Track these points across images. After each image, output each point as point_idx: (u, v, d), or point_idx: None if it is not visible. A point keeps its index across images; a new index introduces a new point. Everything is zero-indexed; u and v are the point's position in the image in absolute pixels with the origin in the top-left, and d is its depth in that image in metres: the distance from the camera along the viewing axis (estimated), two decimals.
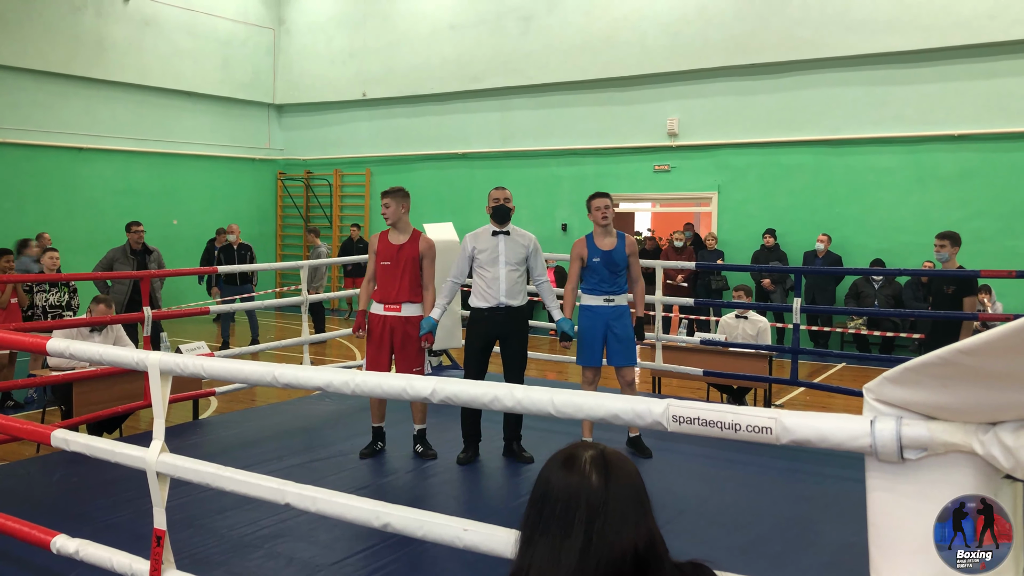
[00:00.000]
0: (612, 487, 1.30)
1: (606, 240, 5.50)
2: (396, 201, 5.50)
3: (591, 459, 1.33)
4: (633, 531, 1.29)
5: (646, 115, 12.82)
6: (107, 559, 3.01)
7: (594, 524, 1.27)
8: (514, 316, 5.45)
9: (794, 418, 1.66)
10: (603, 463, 1.32)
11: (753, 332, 7.57)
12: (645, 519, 1.33)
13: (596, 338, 5.50)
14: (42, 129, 13.14)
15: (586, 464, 1.32)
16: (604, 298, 5.48)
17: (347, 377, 2.38)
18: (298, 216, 16.71)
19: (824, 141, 11.48)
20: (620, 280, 5.52)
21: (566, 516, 1.29)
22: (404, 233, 5.53)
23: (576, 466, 1.32)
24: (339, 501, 2.50)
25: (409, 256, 5.48)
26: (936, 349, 1.33)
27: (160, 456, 2.83)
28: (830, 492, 4.83)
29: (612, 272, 5.47)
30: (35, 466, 5.44)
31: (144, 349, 6.33)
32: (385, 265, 5.48)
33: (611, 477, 1.31)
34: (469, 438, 5.56)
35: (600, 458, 1.33)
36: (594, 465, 1.32)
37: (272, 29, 16.61)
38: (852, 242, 11.22)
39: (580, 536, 1.27)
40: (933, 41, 10.53)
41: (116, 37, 14.01)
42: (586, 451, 1.35)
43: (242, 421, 6.72)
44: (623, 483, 1.32)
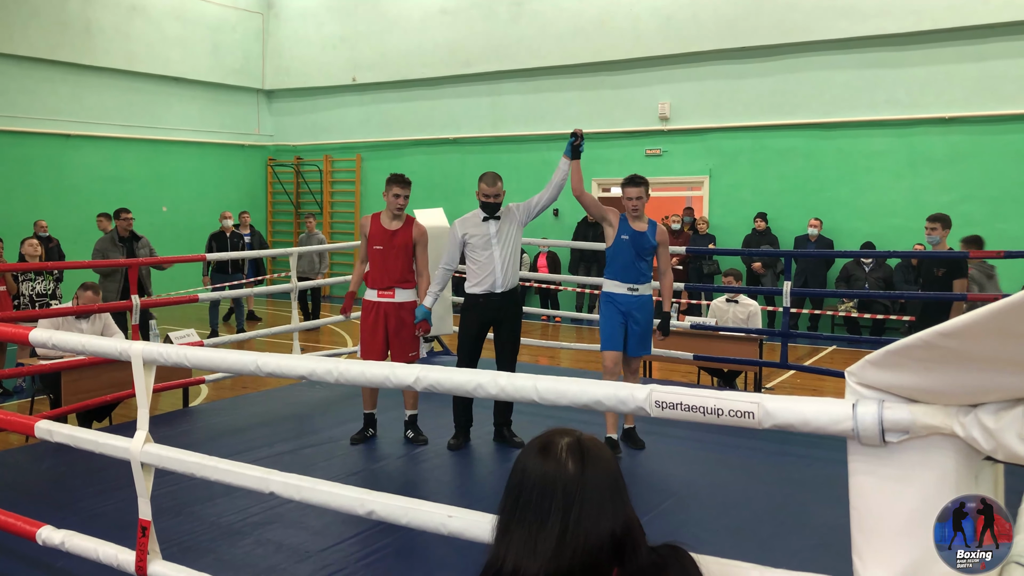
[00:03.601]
0: (588, 474, 1.29)
1: (638, 223, 5.28)
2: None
3: (567, 446, 1.31)
4: (610, 518, 1.28)
5: (637, 99, 12.78)
6: (93, 550, 3.00)
7: (570, 512, 1.26)
8: (508, 301, 5.39)
9: (776, 402, 1.65)
10: (579, 450, 1.31)
11: (744, 316, 7.58)
12: (622, 506, 1.32)
13: (616, 325, 5.26)
14: (29, 116, 13.03)
15: (562, 451, 1.31)
16: (628, 287, 5.23)
17: (330, 366, 2.37)
18: (288, 203, 16.64)
19: (815, 125, 11.46)
20: (644, 267, 5.26)
21: (542, 504, 1.28)
22: (398, 219, 5.48)
23: (552, 453, 1.31)
24: (323, 489, 2.49)
25: (403, 242, 5.44)
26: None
27: (144, 446, 2.81)
28: (820, 475, 4.84)
29: (638, 256, 5.21)
30: (23, 455, 5.42)
31: (133, 338, 6.32)
32: (378, 249, 5.44)
33: (587, 464, 1.29)
34: (460, 424, 5.54)
35: (576, 445, 1.32)
36: (570, 452, 1.30)
37: (261, 14, 16.48)
38: (843, 226, 11.23)
39: (557, 524, 1.26)
40: (924, 24, 10.51)
41: (104, 22, 13.88)
42: (562, 438, 1.34)
43: (232, 408, 6.70)
44: (599, 470, 1.30)
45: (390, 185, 5.46)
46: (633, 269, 5.22)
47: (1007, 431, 1.32)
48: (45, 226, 10.56)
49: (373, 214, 5.58)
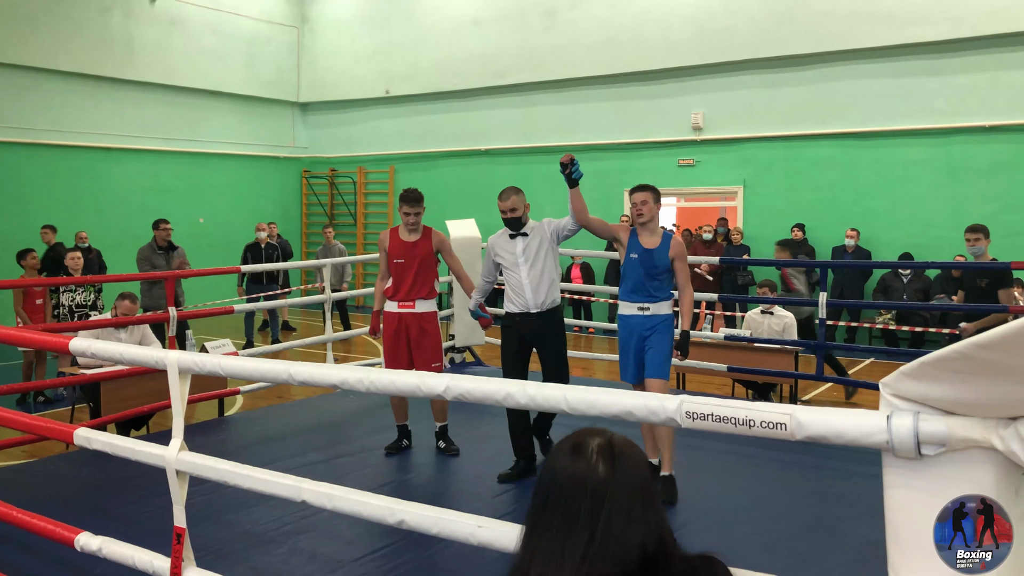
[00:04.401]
0: (619, 477, 1.23)
1: (650, 238, 4.87)
2: (423, 207, 5.48)
3: (598, 447, 1.26)
4: (641, 524, 1.23)
5: (670, 109, 12.73)
6: (129, 556, 3.04)
7: (599, 516, 1.21)
8: (547, 320, 5.13)
9: (809, 414, 1.63)
10: (610, 451, 1.26)
11: (779, 327, 7.49)
12: (654, 512, 1.26)
13: (628, 351, 4.93)
14: (73, 130, 13.34)
15: (592, 452, 1.25)
16: (638, 306, 4.87)
17: (361, 375, 2.38)
18: (323, 214, 16.81)
19: (851, 134, 11.33)
20: (658, 286, 4.87)
21: (570, 507, 1.22)
22: (416, 231, 5.49)
23: (582, 454, 1.26)
24: (354, 498, 2.50)
25: (422, 253, 5.46)
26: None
27: (179, 454, 2.85)
28: (857, 489, 4.76)
29: (649, 275, 4.84)
30: (63, 462, 5.52)
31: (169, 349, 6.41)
32: (399, 263, 5.47)
33: (618, 466, 1.24)
34: (518, 450, 5.18)
35: (607, 446, 1.27)
36: (600, 453, 1.25)
37: (296, 27, 16.71)
38: (881, 236, 11.06)
39: (585, 530, 1.21)
40: (963, 31, 10.34)
41: (144, 38, 14.18)
42: (593, 439, 1.28)
43: (266, 418, 6.77)
44: (630, 473, 1.25)
45: (400, 204, 5.49)
46: (643, 288, 4.88)
47: None
48: (85, 237, 10.78)
49: (392, 228, 5.61)
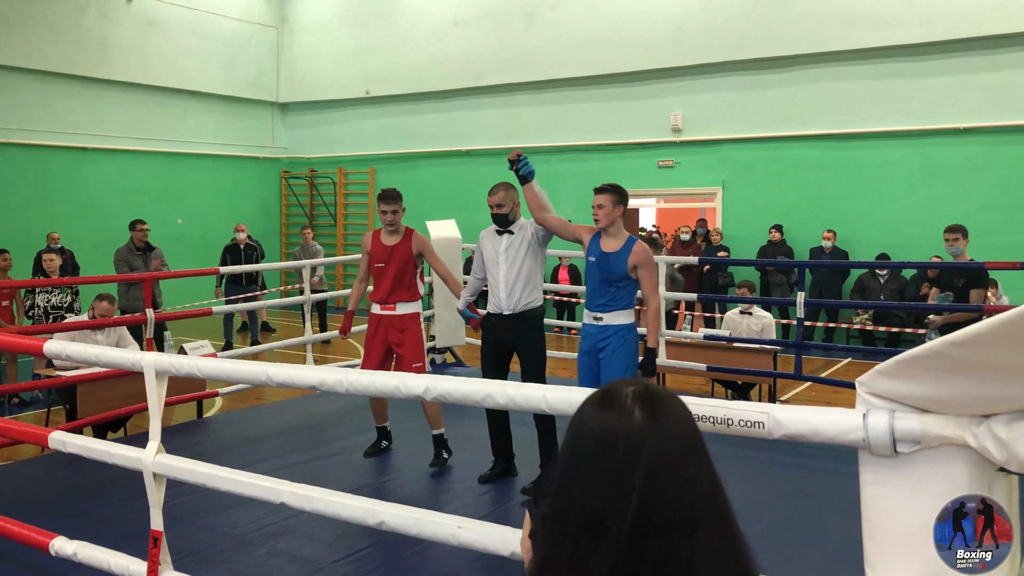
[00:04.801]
0: (659, 425, 1.05)
1: (610, 242, 4.55)
2: (401, 206, 5.42)
3: (633, 394, 1.07)
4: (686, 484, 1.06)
5: (650, 110, 12.78)
6: (105, 560, 3.01)
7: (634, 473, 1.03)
8: (521, 323, 4.88)
9: (786, 412, 1.64)
10: (648, 397, 1.07)
11: (758, 328, 7.54)
12: (705, 467, 1.10)
13: (583, 363, 4.63)
14: (47, 129, 13.17)
15: (627, 398, 1.07)
16: (593, 316, 4.56)
17: (340, 376, 2.37)
18: (303, 215, 16.72)
19: (829, 135, 11.42)
20: (615, 293, 4.52)
21: (599, 464, 1.04)
22: (397, 233, 5.44)
23: (614, 401, 1.08)
24: (334, 500, 2.49)
25: (402, 255, 5.41)
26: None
27: (156, 457, 2.83)
28: (835, 487, 4.81)
29: (605, 281, 4.51)
30: (38, 466, 5.46)
31: (147, 350, 6.35)
32: (379, 266, 5.43)
33: (658, 414, 1.06)
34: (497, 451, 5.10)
35: (645, 393, 1.08)
36: (637, 399, 1.07)
37: (276, 28, 16.61)
38: (858, 236, 11.17)
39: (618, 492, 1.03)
40: (938, 34, 10.47)
41: (120, 37, 14.03)
42: (627, 386, 1.10)
43: (245, 419, 6.73)
44: (674, 421, 1.07)
45: (378, 202, 5.43)
46: (599, 295, 4.55)
47: (1020, 441, 1.31)
48: (57, 238, 10.64)
49: (374, 231, 5.57)
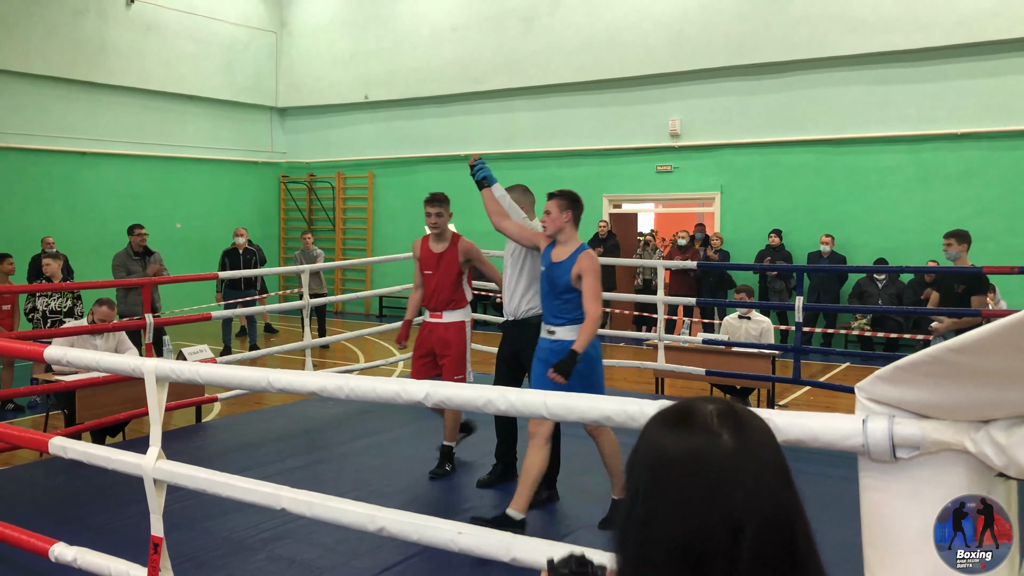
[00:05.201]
0: (751, 448, 0.96)
1: (559, 250, 4.34)
2: (448, 209, 5.31)
3: (716, 413, 0.98)
4: (783, 510, 0.97)
5: (648, 116, 12.81)
6: (105, 567, 3.00)
7: (733, 501, 0.93)
8: (523, 329, 4.81)
9: (785, 418, 1.65)
10: (734, 418, 0.99)
11: (756, 332, 7.55)
12: (796, 496, 1.00)
13: (537, 371, 4.39)
14: (45, 133, 13.16)
15: (711, 419, 0.98)
16: (547, 328, 4.37)
17: (340, 382, 2.38)
18: (301, 219, 16.72)
19: (827, 141, 11.46)
20: (560, 306, 4.28)
21: (690, 493, 0.94)
22: (444, 239, 5.35)
23: (696, 422, 0.98)
24: (334, 505, 2.49)
25: (449, 262, 5.30)
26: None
27: (157, 463, 2.83)
28: (831, 492, 4.79)
29: (552, 292, 4.31)
30: (37, 470, 5.45)
31: (146, 355, 6.35)
32: (428, 274, 5.36)
33: (747, 435, 0.97)
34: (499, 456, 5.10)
35: (729, 412, 0.99)
36: (724, 421, 0.98)
37: (274, 32, 16.63)
38: (855, 241, 11.19)
39: (717, 521, 0.95)
40: (935, 39, 10.50)
41: (118, 41, 14.04)
42: (706, 404, 1.01)
43: (244, 424, 6.72)
44: (764, 443, 0.98)
45: (424, 205, 5.33)
46: (550, 307, 4.36)
47: (1019, 447, 1.31)
48: (52, 242, 10.63)
49: (423, 237, 5.46)
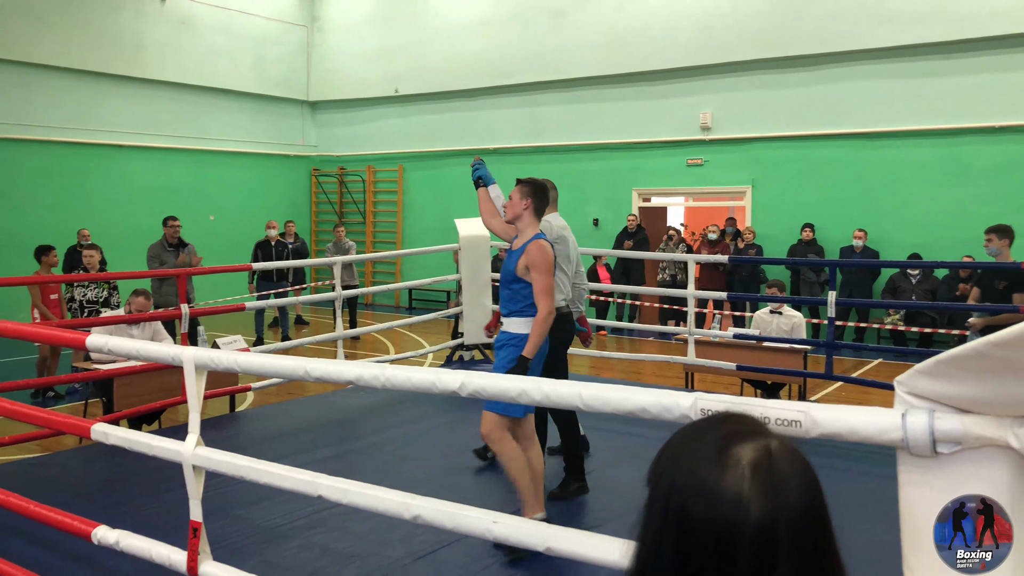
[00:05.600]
0: (788, 507, 0.83)
1: (518, 239, 4.17)
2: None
3: (753, 467, 0.84)
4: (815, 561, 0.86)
5: (678, 109, 12.73)
6: (146, 550, 3.07)
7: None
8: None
9: (823, 411, 1.65)
10: (769, 473, 0.84)
11: (788, 327, 7.49)
12: (833, 557, 0.89)
13: (496, 367, 4.17)
14: (83, 127, 13.40)
15: (743, 473, 0.83)
16: (504, 320, 4.17)
17: (377, 371, 2.41)
18: (332, 212, 16.85)
19: (859, 134, 11.31)
20: (510, 296, 4.09)
21: (719, 555, 0.81)
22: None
23: (727, 475, 0.83)
24: (370, 493, 2.52)
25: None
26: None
27: (196, 450, 2.88)
28: (863, 489, 4.77)
29: (504, 282, 4.12)
30: (77, 456, 5.57)
31: (182, 344, 6.44)
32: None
33: (785, 492, 0.84)
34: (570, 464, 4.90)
35: (766, 463, 0.85)
36: (756, 477, 0.83)
37: (305, 27, 16.75)
38: (888, 237, 11.05)
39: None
40: (971, 31, 10.32)
41: (154, 36, 14.23)
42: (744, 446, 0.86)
43: (277, 413, 6.81)
44: (802, 500, 0.85)
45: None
46: (501, 296, 4.18)
47: None
48: (87, 235, 10.80)
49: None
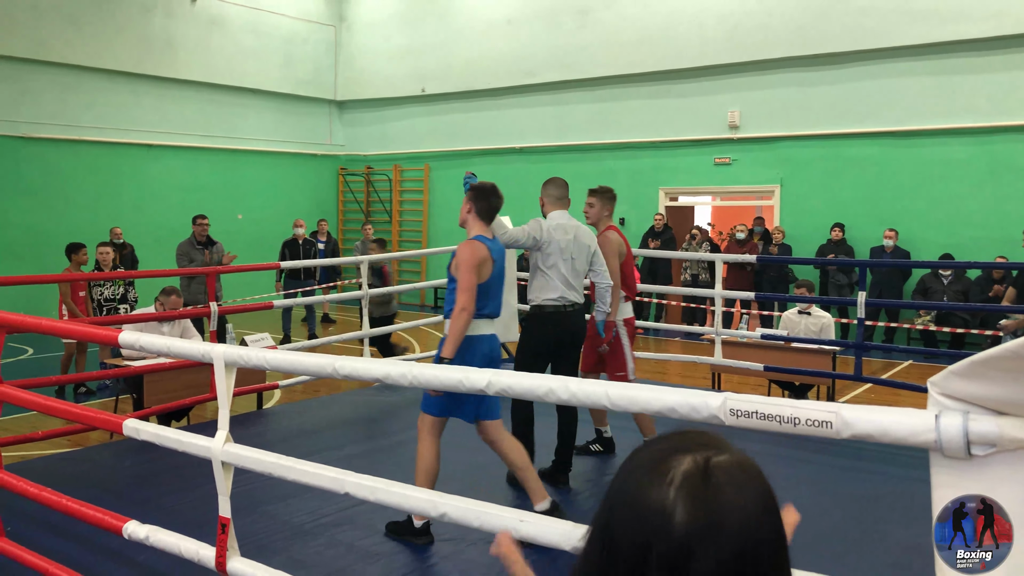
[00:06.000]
0: (708, 531, 0.78)
1: None
2: (600, 201, 5.21)
3: (684, 475, 0.80)
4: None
5: (705, 108, 12.65)
6: (175, 545, 3.10)
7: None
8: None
9: (855, 412, 1.63)
10: (701, 483, 0.80)
11: (816, 328, 7.42)
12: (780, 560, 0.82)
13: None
14: (115, 127, 13.60)
15: (672, 482, 0.80)
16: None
17: (404, 369, 2.42)
18: (359, 211, 16.94)
19: (890, 133, 11.18)
20: (448, 297, 4.08)
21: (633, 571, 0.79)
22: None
23: (660, 481, 0.81)
24: (396, 491, 2.53)
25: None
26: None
27: (225, 446, 2.90)
28: (895, 492, 4.71)
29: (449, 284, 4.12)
30: (107, 452, 5.64)
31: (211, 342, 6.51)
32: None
33: (709, 511, 0.79)
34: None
35: (700, 473, 0.81)
36: (684, 485, 0.80)
37: (333, 26, 16.85)
38: (920, 237, 10.91)
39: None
40: (1006, 28, 10.16)
41: (184, 36, 14.40)
42: (682, 457, 0.82)
43: (304, 411, 6.86)
44: (730, 524, 0.78)
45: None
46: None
47: None
48: (120, 233, 10.96)
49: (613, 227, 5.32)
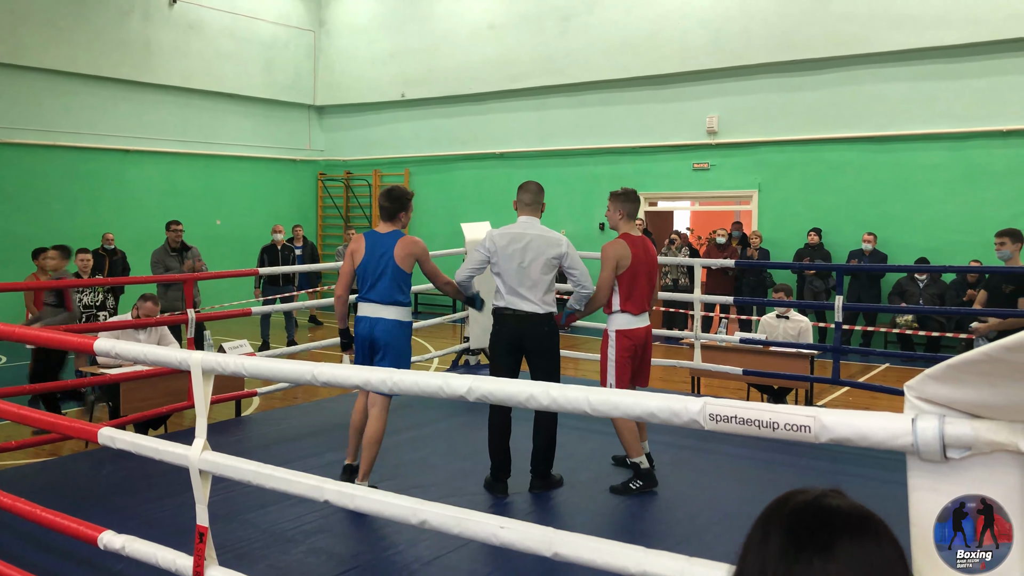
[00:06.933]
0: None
1: None
2: (612, 205, 5.10)
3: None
4: None
5: (686, 113, 12.72)
6: (152, 555, 3.06)
7: None
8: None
9: (833, 416, 1.63)
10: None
11: (794, 332, 7.47)
12: None
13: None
14: (92, 132, 13.47)
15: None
16: None
17: (384, 375, 2.40)
18: (338, 216, 16.88)
19: (869, 138, 11.29)
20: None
21: None
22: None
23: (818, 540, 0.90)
24: (376, 498, 2.51)
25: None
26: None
27: (202, 454, 2.87)
28: (873, 495, 4.69)
29: None
30: (82, 461, 5.57)
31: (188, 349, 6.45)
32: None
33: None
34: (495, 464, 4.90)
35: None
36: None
37: (313, 31, 16.80)
38: (897, 241, 11.02)
39: None
40: (984, 35, 10.29)
41: (162, 41, 14.30)
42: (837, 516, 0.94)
43: (283, 418, 6.80)
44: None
45: None
46: None
47: None
48: (112, 239, 10.88)
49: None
